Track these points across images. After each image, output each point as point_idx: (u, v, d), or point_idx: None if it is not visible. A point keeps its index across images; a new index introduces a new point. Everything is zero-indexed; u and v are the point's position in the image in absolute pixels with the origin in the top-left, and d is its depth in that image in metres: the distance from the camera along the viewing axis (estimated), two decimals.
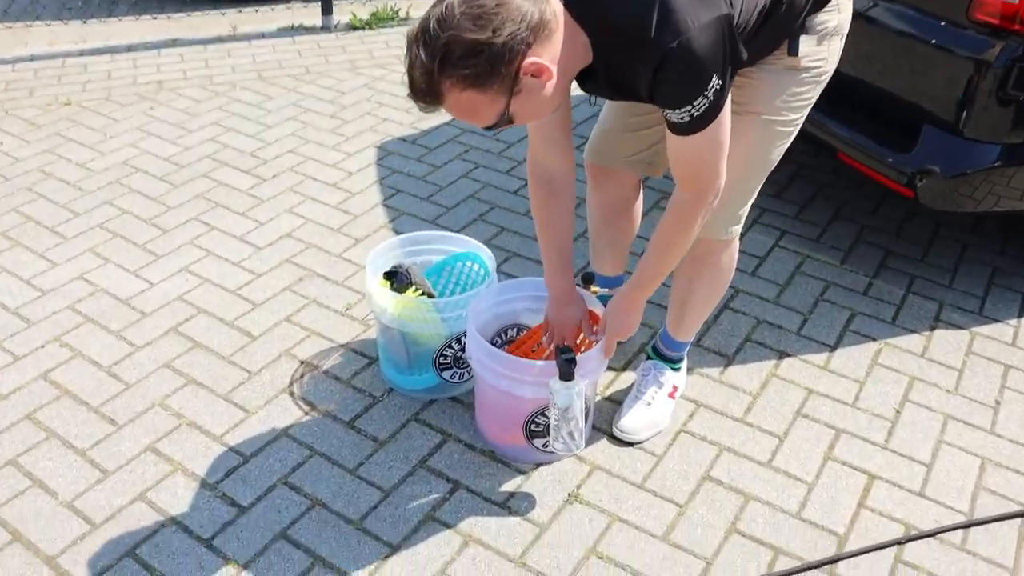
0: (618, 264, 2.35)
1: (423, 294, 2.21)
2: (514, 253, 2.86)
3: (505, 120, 1.48)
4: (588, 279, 2.17)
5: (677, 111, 1.52)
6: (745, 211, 1.92)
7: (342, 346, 2.44)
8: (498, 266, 2.78)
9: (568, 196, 1.91)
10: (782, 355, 2.47)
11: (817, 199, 3.17)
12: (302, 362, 2.38)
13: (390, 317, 2.13)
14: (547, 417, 1.98)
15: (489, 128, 1.50)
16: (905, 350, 2.50)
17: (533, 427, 2.01)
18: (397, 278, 2.20)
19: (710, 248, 1.96)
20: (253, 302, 2.60)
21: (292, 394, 2.27)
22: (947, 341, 2.54)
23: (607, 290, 2.33)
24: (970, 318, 2.64)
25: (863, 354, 2.48)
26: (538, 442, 2.05)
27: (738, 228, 1.95)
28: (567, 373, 1.83)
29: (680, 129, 1.56)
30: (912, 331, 2.58)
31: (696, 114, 1.51)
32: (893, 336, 2.56)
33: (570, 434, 1.88)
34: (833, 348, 2.50)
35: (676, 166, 1.66)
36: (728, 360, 2.44)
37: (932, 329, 2.59)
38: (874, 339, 2.54)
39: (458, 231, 2.95)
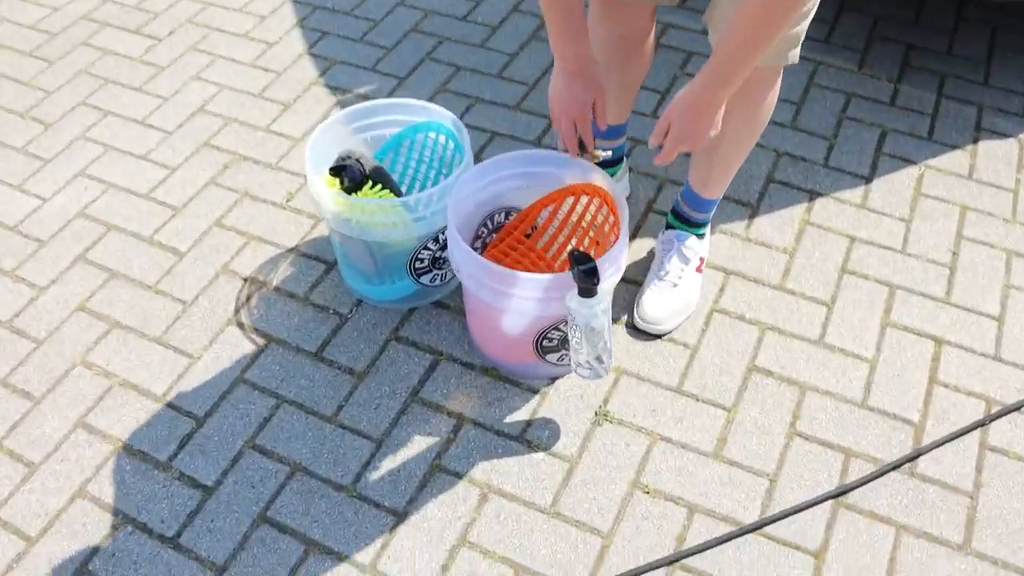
0: (623, 110, 1.90)
1: (383, 188, 1.76)
2: (477, 98, 2.38)
3: None
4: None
5: None
6: (804, 28, 1.48)
7: (290, 251, 2.01)
8: (461, 115, 2.32)
9: None
10: (812, 195, 2.10)
11: None
12: (245, 279, 1.95)
13: (347, 225, 1.69)
14: (562, 331, 1.62)
15: None
16: (949, 172, 2.14)
17: (545, 343, 1.65)
18: (348, 172, 1.74)
19: (759, 78, 1.53)
20: (172, 206, 2.12)
21: (241, 324, 1.87)
22: (995, 155, 2.19)
23: (609, 152, 1.90)
24: (1015, 122, 2.27)
25: (903, 183, 2.12)
26: (552, 357, 1.69)
27: (797, 52, 1.51)
28: (587, 289, 1.44)
29: None
30: (953, 146, 2.21)
31: None
32: (933, 155, 2.19)
33: (598, 358, 1.53)
34: (868, 179, 2.13)
35: None
36: (752, 209, 2.07)
37: (975, 141, 2.22)
38: (912, 162, 2.17)
39: (405, 78, 2.45)
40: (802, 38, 1.48)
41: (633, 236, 2.01)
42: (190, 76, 2.48)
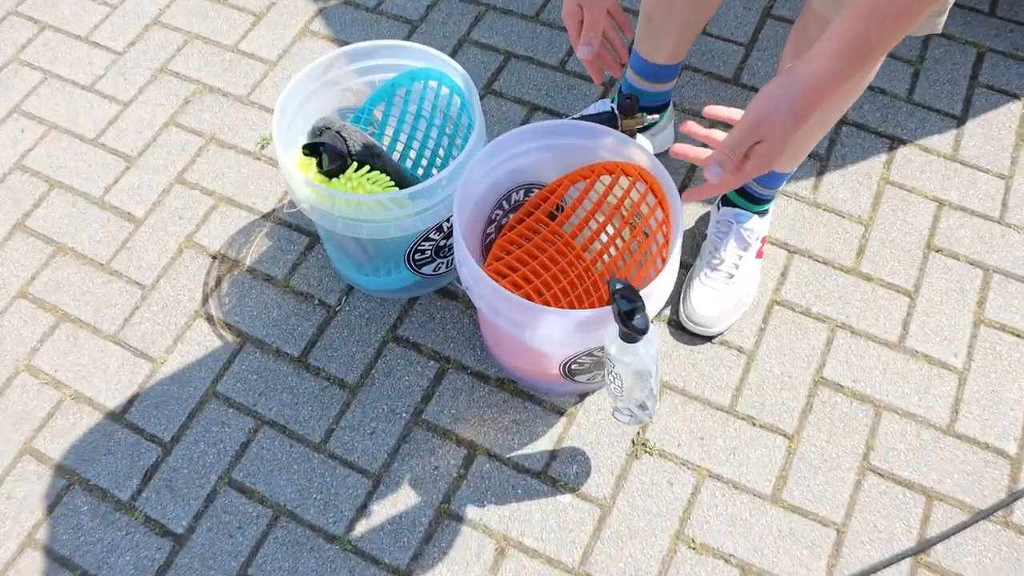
0: (681, 49, 1.51)
1: (371, 169, 1.42)
2: (487, 5, 1.97)
3: None
4: (629, 106, 1.38)
5: None
6: None
7: (266, 217, 1.69)
8: (468, 30, 1.93)
9: None
10: (893, 143, 1.74)
11: None
12: (214, 256, 1.65)
13: (328, 218, 1.37)
14: (595, 356, 1.33)
15: None
16: None
17: (574, 367, 1.37)
18: (326, 149, 1.40)
19: None
20: (126, 155, 1.78)
21: (210, 318, 1.58)
22: None
23: (656, 116, 1.54)
24: None
25: (1003, 124, 1.76)
26: (582, 378, 1.41)
27: (943, 19, 1.15)
28: (631, 335, 1.14)
29: None
30: None
31: None
32: None
33: (641, 405, 1.25)
34: (960, 120, 1.77)
35: None
36: (821, 162, 1.72)
37: None
38: (1015, 95, 1.80)
39: None
40: (951, 2, 1.11)
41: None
42: None
